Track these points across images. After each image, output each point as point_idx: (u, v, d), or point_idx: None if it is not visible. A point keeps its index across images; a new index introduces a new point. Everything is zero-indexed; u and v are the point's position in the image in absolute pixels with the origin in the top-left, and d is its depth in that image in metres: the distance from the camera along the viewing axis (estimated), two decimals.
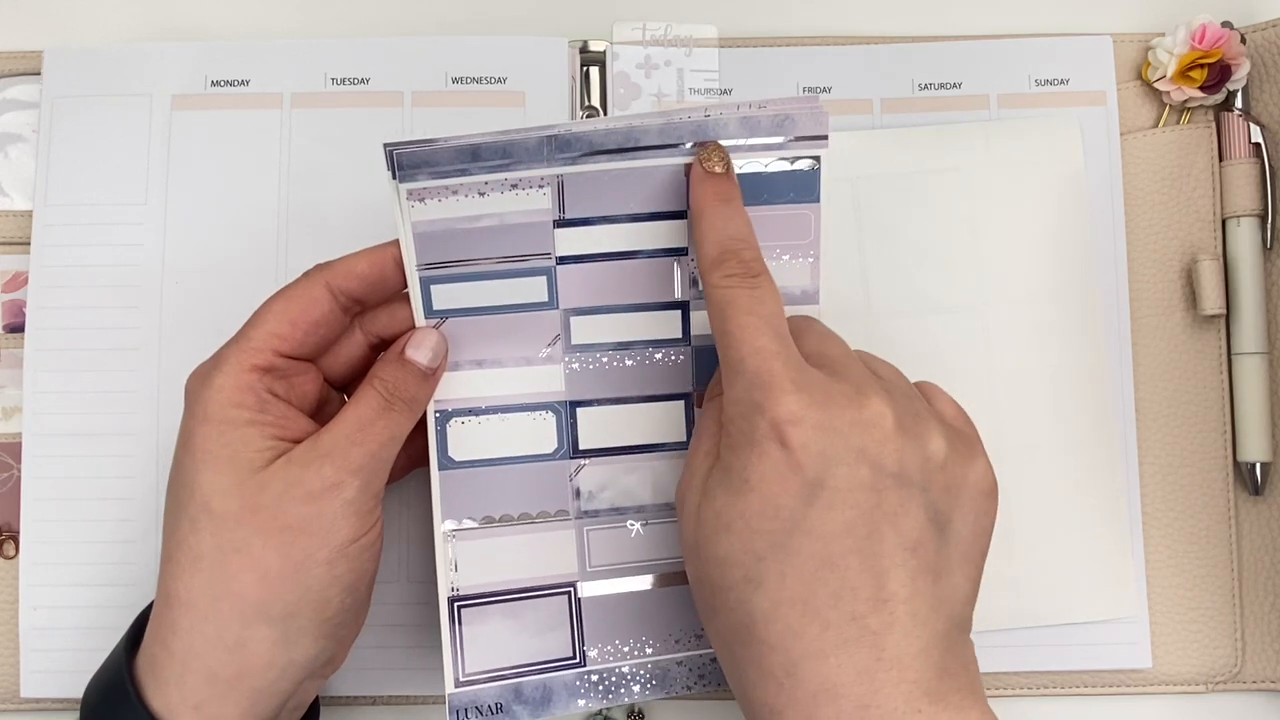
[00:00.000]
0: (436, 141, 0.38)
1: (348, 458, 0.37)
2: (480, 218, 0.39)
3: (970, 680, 0.34)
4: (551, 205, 0.40)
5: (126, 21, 0.51)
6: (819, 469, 0.33)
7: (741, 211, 0.39)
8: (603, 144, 0.39)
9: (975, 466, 0.36)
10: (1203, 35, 0.48)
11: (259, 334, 0.38)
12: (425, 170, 0.38)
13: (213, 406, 0.37)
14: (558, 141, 0.38)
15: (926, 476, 0.35)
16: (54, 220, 0.48)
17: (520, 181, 0.39)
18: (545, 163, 0.39)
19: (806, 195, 0.41)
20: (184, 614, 0.37)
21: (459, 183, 0.38)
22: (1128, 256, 0.49)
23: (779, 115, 0.39)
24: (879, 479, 0.34)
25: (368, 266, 0.39)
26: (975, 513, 0.36)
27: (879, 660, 0.33)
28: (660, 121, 0.39)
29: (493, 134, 0.38)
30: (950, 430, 0.37)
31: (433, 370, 0.40)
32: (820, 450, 0.33)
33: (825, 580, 0.33)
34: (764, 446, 0.34)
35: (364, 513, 0.37)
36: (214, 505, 0.36)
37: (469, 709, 0.40)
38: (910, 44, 0.51)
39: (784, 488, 0.33)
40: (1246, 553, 0.49)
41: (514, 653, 0.41)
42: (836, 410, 0.34)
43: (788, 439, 0.33)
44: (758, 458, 0.34)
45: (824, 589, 0.33)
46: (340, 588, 0.37)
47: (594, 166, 0.39)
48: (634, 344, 0.42)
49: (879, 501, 0.34)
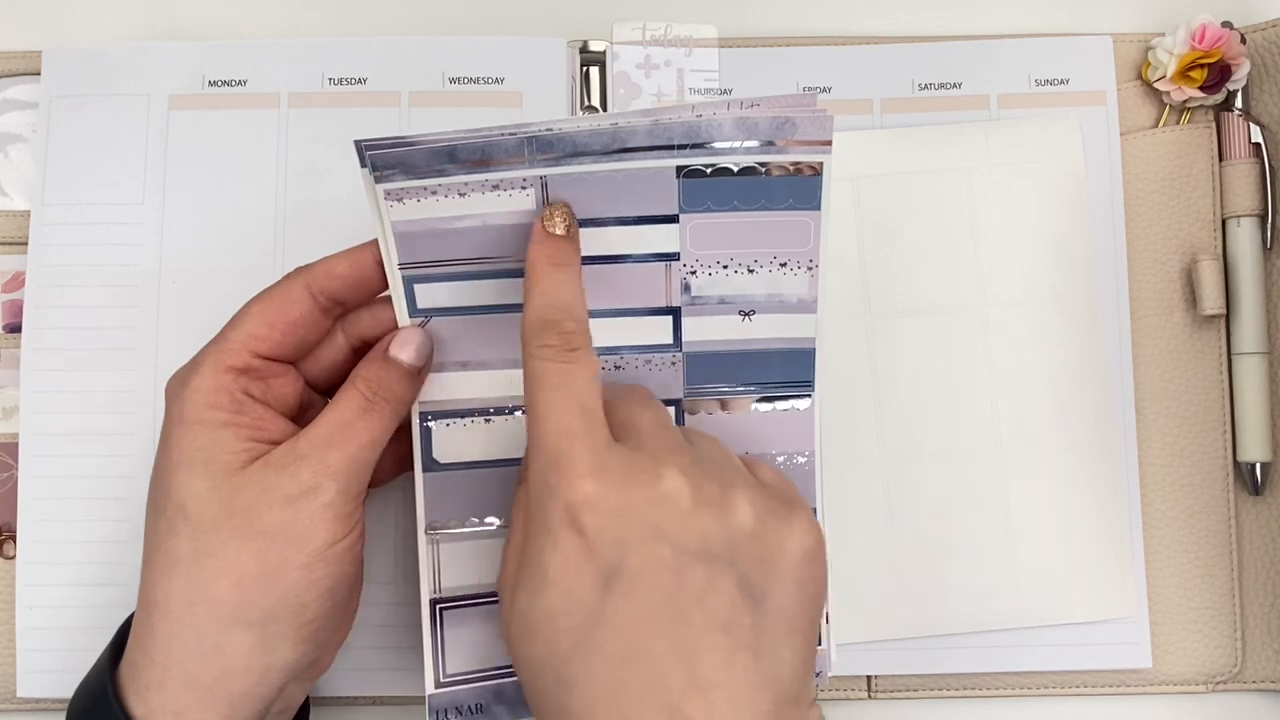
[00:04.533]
0: (411, 141, 0.37)
1: (326, 460, 0.37)
2: (461, 218, 0.38)
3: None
4: (536, 206, 0.38)
5: (125, 21, 0.52)
6: (615, 555, 0.31)
7: (574, 279, 0.37)
8: (588, 146, 0.37)
9: (793, 530, 0.34)
10: (1203, 35, 0.48)
11: (236, 335, 0.38)
12: (402, 171, 0.37)
13: (189, 408, 0.37)
14: (539, 143, 0.37)
15: (734, 550, 0.33)
16: (52, 220, 0.48)
17: (502, 182, 0.38)
18: (527, 164, 0.38)
19: (806, 202, 0.39)
20: (161, 619, 0.36)
21: (437, 183, 0.37)
22: (1128, 256, 0.49)
23: (778, 118, 0.37)
24: (679, 558, 0.32)
25: (347, 267, 0.39)
26: (797, 580, 0.34)
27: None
28: (648, 122, 0.37)
29: (469, 133, 0.37)
30: (761, 496, 0.34)
31: (417, 370, 0.39)
32: (615, 535, 0.32)
33: (634, 673, 0.31)
34: (558, 535, 0.32)
35: (343, 516, 0.37)
36: (190, 508, 0.36)
37: (449, 710, 0.40)
38: (910, 44, 0.51)
39: (579, 579, 0.32)
40: (1246, 553, 0.49)
41: (495, 655, 0.41)
42: (632, 490, 0.32)
43: (581, 525, 0.32)
44: (551, 547, 0.32)
45: (634, 682, 0.31)
46: (318, 592, 0.37)
47: (580, 168, 0.38)
48: (623, 349, 0.41)
49: (682, 583, 0.32)
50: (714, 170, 0.38)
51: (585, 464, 0.32)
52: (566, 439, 0.33)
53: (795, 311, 0.41)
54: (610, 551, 0.32)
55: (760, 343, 0.41)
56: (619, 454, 0.33)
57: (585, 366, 0.35)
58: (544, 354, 0.35)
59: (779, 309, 0.41)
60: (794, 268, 0.40)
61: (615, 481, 0.32)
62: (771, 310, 0.41)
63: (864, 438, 0.41)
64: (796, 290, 0.40)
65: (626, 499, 0.32)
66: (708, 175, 0.38)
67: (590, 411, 0.34)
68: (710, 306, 0.41)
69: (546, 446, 0.33)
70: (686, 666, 0.31)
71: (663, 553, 0.32)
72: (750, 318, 0.41)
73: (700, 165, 0.38)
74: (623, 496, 0.32)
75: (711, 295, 0.40)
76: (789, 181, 0.39)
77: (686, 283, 0.40)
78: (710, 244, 0.40)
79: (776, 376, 0.41)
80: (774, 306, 0.41)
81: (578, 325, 0.36)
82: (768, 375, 0.41)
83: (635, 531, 0.32)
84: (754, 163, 0.38)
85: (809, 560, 0.34)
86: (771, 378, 0.41)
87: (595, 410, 0.34)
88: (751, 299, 0.41)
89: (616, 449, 0.33)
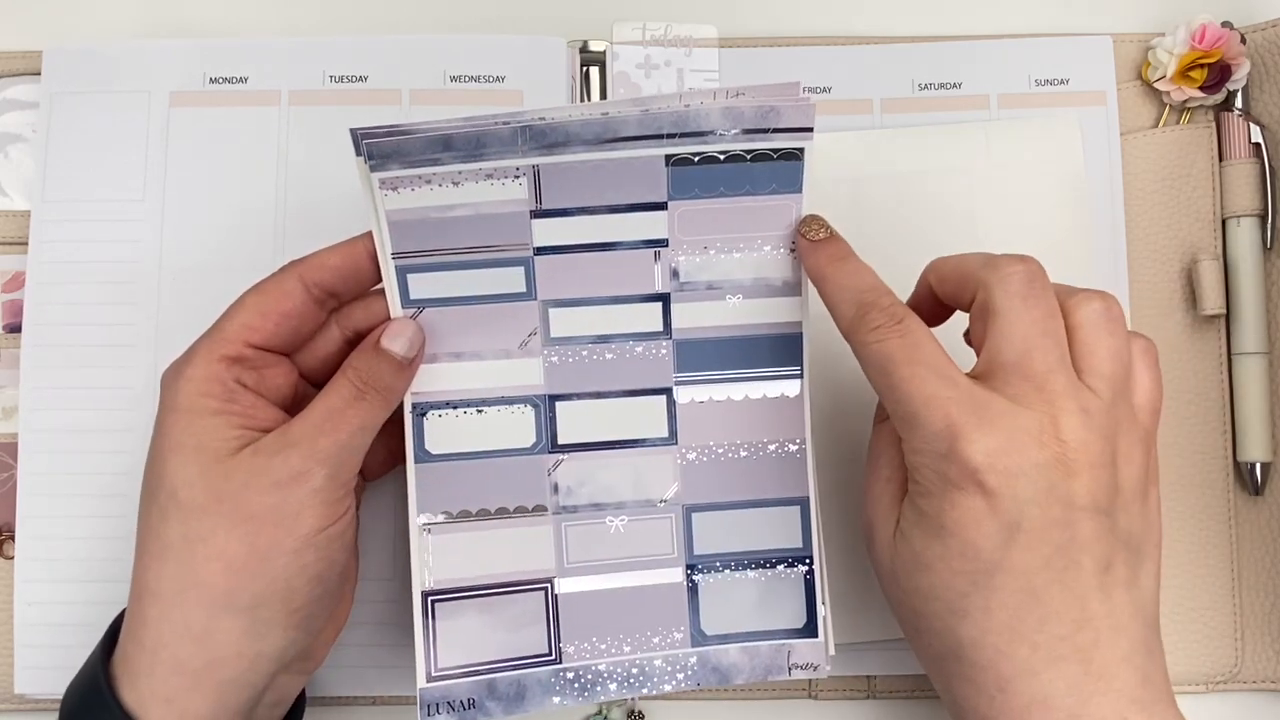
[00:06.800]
0: (407, 130, 0.37)
1: (315, 446, 0.37)
2: (454, 207, 0.39)
3: (1168, 689, 0.36)
4: (528, 195, 0.39)
5: (125, 20, 0.52)
6: (1014, 512, 0.34)
7: (862, 265, 0.39)
8: (580, 135, 0.38)
9: (1150, 473, 0.37)
10: (1203, 35, 0.48)
11: (230, 326, 0.38)
12: (397, 160, 0.38)
13: (181, 396, 0.37)
14: (532, 132, 0.38)
15: (1115, 502, 0.36)
16: (52, 217, 0.48)
17: (495, 171, 0.39)
18: (520, 153, 0.38)
19: (789, 186, 0.40)
20: (152, 605, 0.37)
21: (432, 172, 0.38)
22: (1128, 256, 0.49)
23: (763, 107, 0.39)
24: (1070, 514, 0.35)
25: (340, 259, 0.40)
26: (1154, 519, 0.37)
27: (1087, 673, 0.34)
28: (638, 112, 0.38)
29: (464, 121, 0.38)
30: (1139, 447, 0.37)
31: (408, 361, 0.39)
32: (1013, 494, 0.34)
33: (1030, 609, 0.34)
34: (954, 495, 0.35)
35: (332, 502, 0.37)
36: (181, 494, 0.36)
37: (440, 704, 0.40)
38: (910, 44, 0.51)
39: (981, 532, 0.34)
40: (1246, 553, 0.49)
41: (488, 648, 0.41)
42: (1026, 451, 0.34)
43: (979, 485, 0.34)
44: (950, 505, 0.35)
45: (1029, 616, 0.34)
46: (307, 578, 0.37)
47: (572, 157, 0.39)
48: (614, 337, 0.41)
49: (1073, 535, 0.35)
50: (701, 158, 0.40)
51: (970, 428, 0.34)
52: (941, 406, 0.35)
53: (781, 295, 0.42)
54: (1010, 509, 0.34)
55: (748, 328, 0.42)
56: (1000, 408, 0.35)
57: (920, 329, 0.37)
58: (878, 335, 0.37)
59: (765, 292, 0.42)
60: (776, 249, 0.41)
61: (1005, 443, 0.34)
62: (758, 294, 0.42)
63: (865, 436, 0.41)
64: (780, 272, 0.41)
65: (1020, 461, 0.34)
66: (695, 164, 0.40)
67: (948, 375, 0.35)
68: (699, 292, 0.41)
69: (923, 420, 0.35)
70: (1077, 604, 0.34)
71: (1056, 512, 0.34)
72: (736, 300, 0.41)
73: (688, 153, 0.39)
74: (1021, 458, 0.34)
75: (699, 280, 0.41)
76: (772, 167, 0.40)
77: (675, 268, 0.41)
78: (698, 230, 0.41)
79: (766, 362, 0.42)
80: (760, 290, 0.42)
81: (890, 297, 0.38)
82: (757, 361, 0.42)
83: (1033, 490, 0.34)
84: (739, 150, 0.39)
85: (1157, 499, 0.38)
86: (761, 363, 0.42)
87: (951, 370, 0.36)
88: (738, 283, 0.41)
89: (994, 402, 0.35)
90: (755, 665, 0.42)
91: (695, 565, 0.42)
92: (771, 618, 0.42)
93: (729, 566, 0.42)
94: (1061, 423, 0.35)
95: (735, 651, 0.42)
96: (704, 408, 0.42)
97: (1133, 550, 0.36)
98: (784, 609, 0.42)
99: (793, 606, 0.42)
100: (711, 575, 0.42)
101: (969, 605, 0.35)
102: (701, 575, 0.42)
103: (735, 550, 0.42)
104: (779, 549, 0.42)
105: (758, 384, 0.42)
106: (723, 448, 0.42)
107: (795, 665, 0.42)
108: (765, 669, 0.42)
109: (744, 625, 0.42)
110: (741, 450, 0.42)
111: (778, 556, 0.42)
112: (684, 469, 0.42)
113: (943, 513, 0.35)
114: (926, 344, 0.36)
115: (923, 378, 0.35)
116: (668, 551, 0.42)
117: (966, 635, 0.35)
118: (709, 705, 0.48)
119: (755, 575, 0.42)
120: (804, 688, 0.48)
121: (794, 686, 0.48)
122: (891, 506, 0.38)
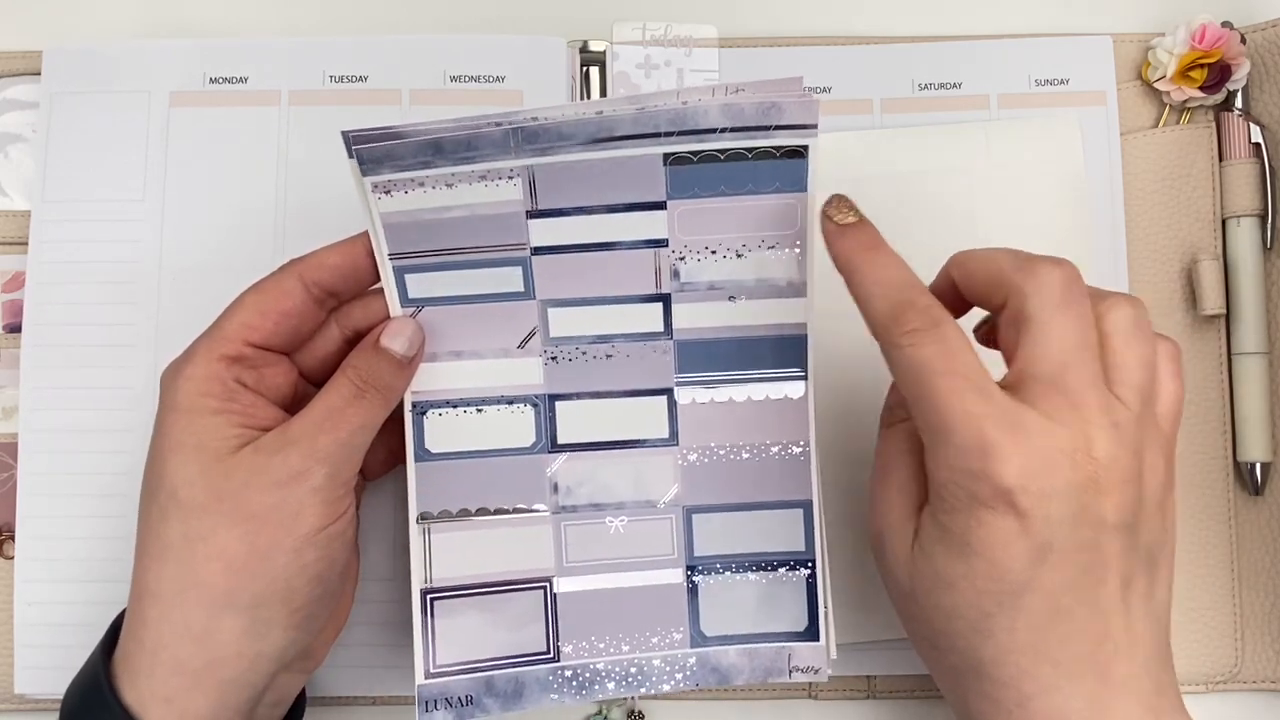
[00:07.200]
0: (398, 133, 0.37)
1: (315, 445, 0.37)
2: (449, 209, 0.39)
3: (1178, 694, 0.36)
4: (524, 196, 0.39)
5: (125, 20, 0.52)
6: (1046, 534, 0.33)
7: (893, 255, 0.37)
8: (574, 135, 0.38)
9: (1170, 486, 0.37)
10: (1203, 35, 0.48)
11: (230, 325, 0.38)
12: (388, 164, 0.38)
13: (181, 396, 0.37)
14: (525, 133, 0.37)
15: (1139, 517, 0.35)
16: (52, 217, 0.48)
17: (489, 173, 0.38)
18: (513, 154, 0.38)
19: (794, 185, 0.40)
20: (152, 604, 0.37)
21: (424, 175, 0.38)
22: (1128, 256, 0.49)
23: (764, 103, 0.38)
24: (1100, 534, 0.34)
25: (339, 258, 0.39)
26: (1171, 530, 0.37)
27: (1106, 686, 0.34)
28: (634, 110, 0.38)
29: (455, 123, 0.37)
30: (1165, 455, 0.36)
31: (408, 359, 0.39)
32: (1045, 515, 0.33)
33: (1054, 627, 0.34)
34: (983, 514, 0.34)
35: (332, 501, 0.37)
36: (181, 493, 0.36)
37: (438, 700, 0.40)
38: (910, 44, 0.51)
39: (1010, 553, 0.34)
40: (1246, 553, 0.49)
41: (487, 646, 0.41)
42: (1060, 472, 0.33)
43: (1011, 506, 0.33)
44: (977, 523, 0.34)
45: (1053, 635, 0.34)
46: (308, 577, 0.37)
47: (567, 157, 0.38)
48: (614, 337, 0.41)
49: (1101, 554, 0.34)
50: (701, 157, 0.39)
51: (1005, 447, 0.33)
52: (976, 422, 0.33)
53: (785, 296, 0.41)
54: (1043, 531, 0.33)
55: (751, 329, 0.41)
56: (1034, 424, 0.34)
57: (956, 335, 0.35)
58: (912, 340, 0.35)
59: (768, 293, 0.41)
60: (781, 249, 0.41)
61: (1038, 464, 0.33)
62: (761, 295, 0.41)
63: (866, 436, 0.41)
64: (785, 273, 0.41)
65: (1058, 481, 0.33)
66: (694, 162, 0.39)
67: (984, 388, 0.34)
68: (700, 292, 0.41)
69: (956, 435, 0.34)
70: (1101, 621, 0.34)
71: (1087, 533, 0.34)
72: (739, 301, 0.41)
73: (686, 152, 0.39)
74: (1056, 479, 0.33)
75: (700, 281, 0.41)
76: (776, 165, 0.39)
77: (676, 269, 0.41)
78: (698, 229, 0.40)
79: (769, 364, 0.42)
80: (763, 291, 0.41)
81: (927, 296, 0.36)
82: (760, 362, 0.42)
83: (1066, 511, 0.33)
84: (740, 148, 0.39)
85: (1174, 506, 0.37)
86: (764, 365, 0.42)
87: (987, 382, 0.34)
88: (740, 283, 0.41)
89: (1028, 417, 0.34)
90: (755, 667, 0.42)
91: (695, 566, 0.42)
92: (772, 620, 0.42)
93: (729, 568, 0.42)
94: (1095, 440, 0.34)
95: (735, 653, 0.42)
96: (705, 409, 0.42)
97: (1150, 562, 0.36)
98: (785, 612, 0.42)
99: (794, 609, 0.42)
100: (712, 577, 0.42)
101: (993, 625, 0.34)
102: (702, 576, 0.42)
103: (736, 552, 0.42)
104: (781, 552, 0.42)
105: (761, 385, 0.42)
106: (724, 449, 0.42)
107: (796, 668, 0.42)
108: (765, 671, 0.42)
109: (744, 627, 0.42)
110: (744, 452, 0.42)
111: (779, 559, 0.42)
112: (684, 470, 0.42)
113: (969, 530, 0.34)
114: (963, 352, 0.35)
115: (959, 390, 0.34)
116: (668, 552, 0.42)
117: (989, 654, 0.35)
118: (709, 705, 0.48)
119: (756, 577, 0.42)
120: (804, 688, 0.48)
121: (794, 687, 0.48)
122: (906, 518, 0.37)
